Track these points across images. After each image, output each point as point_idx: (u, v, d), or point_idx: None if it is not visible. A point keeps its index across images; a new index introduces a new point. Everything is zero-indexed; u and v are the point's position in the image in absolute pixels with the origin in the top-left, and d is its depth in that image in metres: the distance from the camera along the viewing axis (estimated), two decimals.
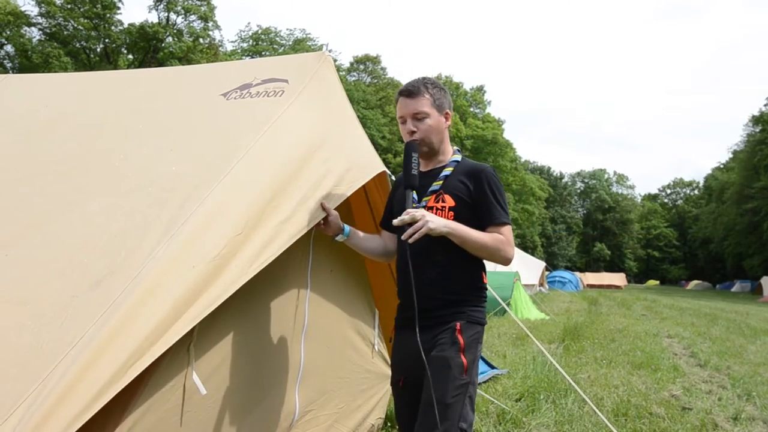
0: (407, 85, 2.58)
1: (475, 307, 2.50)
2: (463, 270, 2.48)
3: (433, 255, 2.44)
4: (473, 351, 2.43)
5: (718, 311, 20.47)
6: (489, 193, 2.46)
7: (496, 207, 2.45)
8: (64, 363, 1.73)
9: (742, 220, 54.86)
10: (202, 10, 39.96)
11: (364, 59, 52.30)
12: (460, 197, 2.47)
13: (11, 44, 35.30)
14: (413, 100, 2.53)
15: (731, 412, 5.50)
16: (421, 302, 2.40)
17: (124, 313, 1.86)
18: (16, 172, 2.88)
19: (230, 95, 3.04)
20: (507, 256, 2.44)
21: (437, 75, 61.96)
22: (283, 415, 2.96)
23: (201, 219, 2.21)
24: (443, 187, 2.50)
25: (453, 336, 2.40)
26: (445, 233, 2.34)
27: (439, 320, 2.44)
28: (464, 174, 2.52)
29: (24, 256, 2.29)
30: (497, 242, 2.41)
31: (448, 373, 2.33)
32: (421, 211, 2.33)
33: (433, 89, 2.55)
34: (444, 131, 2.59)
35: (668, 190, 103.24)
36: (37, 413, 1.59)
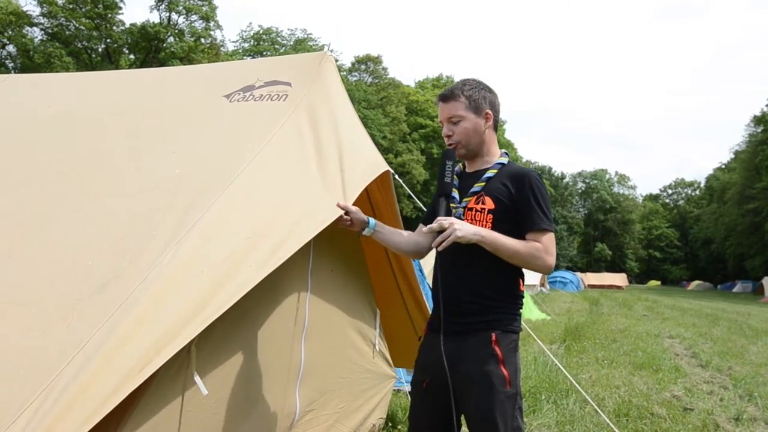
0: (445, 90, 2.57)
1: (510, 315, 2.44)
2: (499, 276, 2.42)
3: (467, 260, 2.40)
4: (512, 361, 2.37)
5: (720, 312, 20.46)
6: (531, 198, 2.39)
7: (537, 212, 2.37)
8: (71, 366, 1.73)
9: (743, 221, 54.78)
10: (203, 10, 39.95)
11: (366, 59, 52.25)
12: (501, 200, 2.41)
13: (13, 44, 35.34)
14: (447, 104, 2.52)
15: (733, 413, 5.51)
16: (453, 307, 2.40)
17: (135, 317, 1.86)
18: (18, 172, 2.87)
19: (233, 97, 3.04)
20: (544, 265, 2.36)
21: (438, 75, 62.06)
22: (284, 415, 2.96)
23: (208, 225, 2.22)
24: (484, 189, 2.46)
25: (490, 348, 2.34)
26: (475, 241, 2.29)
27: (472, 327, 2.39)
28: (507, 177, 2.45)
29: (27, 258, 2.28)
30: (533, 250, 2.34)
31: (491, 388, 2.29)
32: (450, 219, 2.31)
33: (469, 91, 2.50)
34: (484, 133, 2.52)
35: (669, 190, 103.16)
36: (49, 417, 1.59)
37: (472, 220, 2.41)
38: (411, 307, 4.00)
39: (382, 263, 3.86)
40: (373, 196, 3.62)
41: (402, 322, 4.06)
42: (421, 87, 59.17)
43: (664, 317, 16.93)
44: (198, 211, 2.26)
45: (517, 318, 2.46)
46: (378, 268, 3.82)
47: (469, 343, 2.37)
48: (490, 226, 2.38)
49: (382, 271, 3.84)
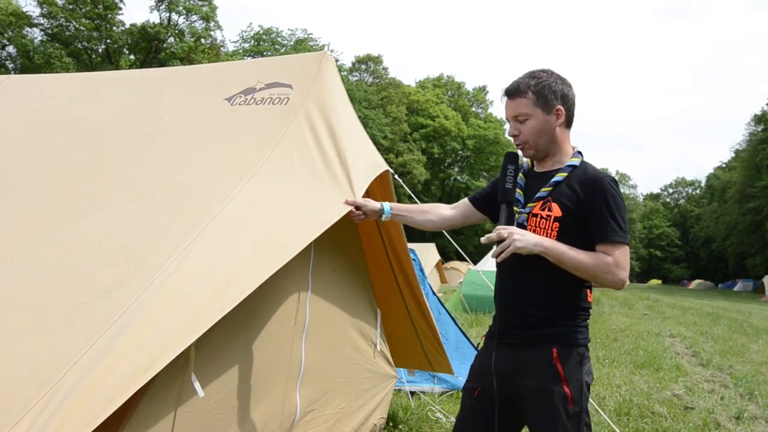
0: (510, 84, 2.32)
1: (574, 328, 2.24)
2: (563, 287, 2.23)
3: (529, 270, 2.23)
4: (577, 377, 2.19)
5: (721, 310, 20.44)
6: (603, 207, 2.16)
7: (610, 223, 2.15)
8: (76, 368, 1.74)
9: (744, 220, 54.72)
10: (203, 11, 39.95)
11: (366, 59, 52.24)
12: (569, 207, 2.19)
13: (13, 45, 35.35)
14: (513, 101, 2.28)
15: (733, 412, 5.51)
16: (512, 317, 2.28)
17: (142, 321, 1.87)
18: (20, 174, 2.88)
19: (234, 100, 3.04)
20: (615, 280, 2.14)
21: (439, 75, 62.08)
22: (285, 415, 2.96)
23: (214, 233, 2.24)
24: (552, 194, 2.24)
25: (551, 365, 2.18)
26: (537, 252, 2.12)
27: (531, 340, 2.24)
28: (578, 181, 2.22)
29: (30, 262, 2.29)
30: (601, 263, 2.13)
31: (553, 408, 2.15)
32: (510, 228, 2.14)
33: (537, 85, 2.25)
34: (554, 130, 2.27)
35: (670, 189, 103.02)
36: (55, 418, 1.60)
37: (537, 227, 2.23)
38: (411, 307, 4.00)
39: (382, 263, 3.86)
40: (373, 196, 3.61)
41: (402, 322, 4.06)
42: (422, 87, 59.19)
43: (665, 316, 16.92)
44: (204, 219, 2.27)
45: (582, 330, 2.27)
46: (378, 269, 3.82)
47: (528, 357, 2.23)
48: (556, 234, 2.19)
49: (383, 272, 3.84)
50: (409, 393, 5.12)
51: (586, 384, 2.22)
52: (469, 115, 58.71)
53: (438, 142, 53.68)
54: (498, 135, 56.43)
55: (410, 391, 5.17)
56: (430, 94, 56.34)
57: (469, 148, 56.12)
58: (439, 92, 58.28)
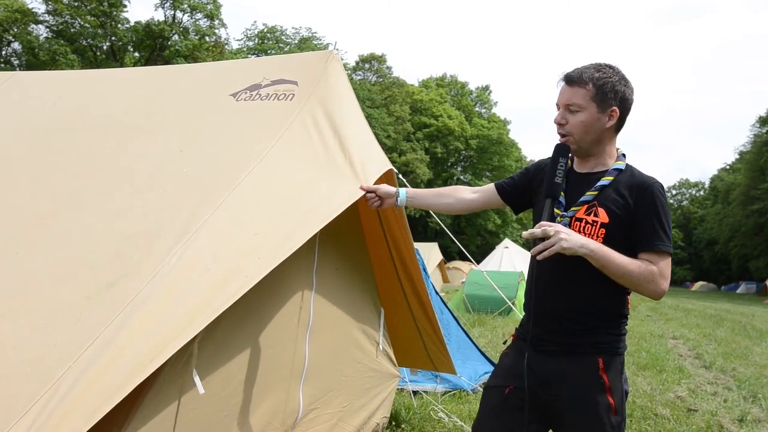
0: (573, 70, 2.20)
1: (617, 336, 2.18)
2: (606, 294, 2.14)
3: (570, 273, 2.13)
4: (619, 386, 2.14)
5: (724, 312, 20.41)
6: (652, 214, 2.08)
7: (657, 232, 2.07)
8: (78, 363, 1.74)
9: (747, 222, 54.59)
10: (208, 8, 40.06)
11: (370, 58, 52.24)
12: (616, 214, 2.10)
13: (18, 42, 35.48)
14: (570, 88, 2.16)
15: (737, 414, 5.49)
16: (549, 324, 2.17)
17: (144, 314, 1.87)
18: (25, 170, 2.88)
19: (240, 96, 3.04)
20: (657, 290, 2.07)
21: (442, 74, 62.03)
22: (287, 413, 2.96)
23: (216, 224, 2.24)
24: (598, 198, 2.14)
25: (596, 376, 2.11)
26: (582, 254, 2.01)
27: (573, 349, 2.15)
28: (626, 186, 2.13)
29: (35, 256, 2.29)
30: (647, 273, 2.04)
31: (597, 419, 2.09)
32: (556, 226, 2.02)
33: (600, 80, 2.12)
34: (603, 132, 2.16)
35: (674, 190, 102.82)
36: (56, 413, 1.60)
37: (581, 232, 2.11)
38: (414, 307, 4.00)
39: (385, 263, 3.86)
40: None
41: (405, 321, 4.05)
42: (425, 86, 59.14)
43: (667, 318, 16.89)
44: (206, 211, 2.27)
45: (623, 338, 2.20)
46: (382, 268, 3.81)
47: (573, 366, 2.13)
48: (601, 241, 2.08)
49: (386, 271, 3.84)
50: (412, 392, 5.12)
51: (626, 392, 2.18)
52: (473, 115, 58.64)
53: (441, 141, 53.64)
54: (501, 135, 56.38)
55: (413, 390, 5.16)
56: (434, 93, 56.29)
57: (473, 148, 56.06)
58: (443, 92, 58.22)
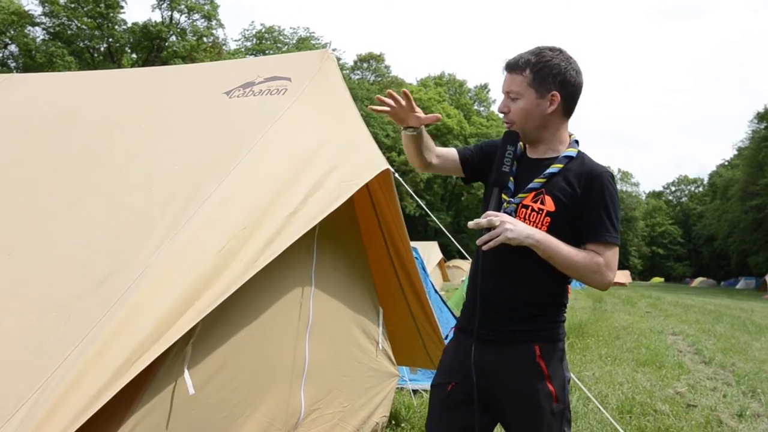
0: (512, 56, 2.13)
1: (555, 323, 2.15)
2: (547, 283, 2.11)
3: (515, 263, 2.09)
4: (560, 374, 2.11)
5: (723, 308, 20.42)
6: (600, 204, 2.04)
7: (604, 222, 2.03)
8: (68, 362, 1.74)
9: (746, 217, 54.64)
10: (205, 9, 40.06)
11: (368, 57, 52.32)
12: (563, 202, 2.05)
13: (15, 44, 35.47)
14: (510, 75, 2.10)
15: (736, 409, 5.50)
16: (492, 313, 2.12)
17: (128, 310, 1.86)
18: (18, 171, 2.89)
19: (233, 93, 3.05)
20: (603, 281, 2.05)
21: (440, 73, 62.02)
22: (289, 414, 2.96)
23: (204, 217, 2.22)
24: (545, 185, 2.09)
25: (534, 363, 2.07)
26: (528, 244, 1.97)
27: (512, 337, 2.11)
28: (575, 175, 2.08)
29: (27, 256, 2.29)
30: (592, 264, 2.01)
31: (537, 407, 2.06)
32: (502, 216, 1.98)
33: (537, 65, 2.05)
34: (546, 117, 2.09)
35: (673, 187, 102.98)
36: (40, 412, 1.59)
37: (526, 219, 2.07)
38: (413, 306, 4.00)
39: (384, 262, 3.86)
40: (374, 194, 3.62)
41: (405, 320, 4.06)
42: (424, 85, 59.15)
43: (667, 314, 16.89)
44: (194, 205, 2.27)
45: (561, 325, 2.18)
46: (380, 267, 3.82)
47: (510, 355, 2.10)
48: (546, 230, 2.04)
49: (385, 270, 3.84)
50: (412, 391, 5.12)
51: (567, 380, 2.16)
52: (471, 114, 58.67)
53: (440, 140, 53.55)
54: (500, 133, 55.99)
55: (412, 389, 5.16)
56: (432, 92, 56.28)
57: None
58: (441, 90, 58.22)
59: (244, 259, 2.22)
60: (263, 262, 2.27)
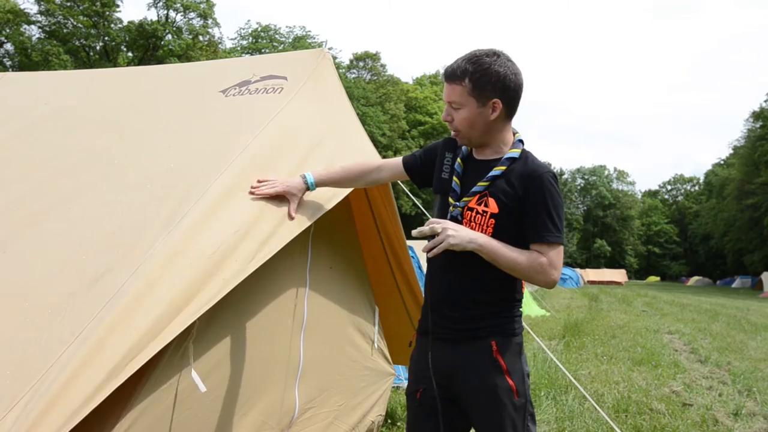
0: (449, 65, 2.13)
1: (509, 318, 2.18)
2: (497, 281, 2.13)
3: (462, 264, 2.13)
4: (518, 368, 2.14)
5: (719, 307, 20.48)
6: (541, 205, 2.06)
7: (546, 222, 2.06)
8: (61, 360, 1.73)
9: (742, 216, 54.83)
10: (201, 8, 39.99)
11: (364, 56, 52.20)
12: (506, 204, 2.08)
13: (11, 42, 35.35)
14: (449, 85, 2.11)
15: (732, 408, 5.51)
16: (445, 311, 2.17)
17: (122, 309, 1.86)
18: (14, 169, 2.88)
19: (229, 92, 3.05)
20: (547, 280, 2.07)
21: (436, 71, 61.99)
22: (283, 413, 2.95)
23: (198, 215, 2.22)
24: (489, 188, 2.11)
25: (491, 358, 2.11)
26: (471, 249, 2.02)
27: (467, 334, 2.14)
28: (517, 176, 2.10)
29: (22, 253, 2.29)
30: (535, 264, 2.04)
31: (498, 402, 2.09)
32: (444, 223, 2.04)
33: (475, 74, 2.05)
34: (489, 124, 2.11)
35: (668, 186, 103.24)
36: (34, 410, 1.59)
37: (471, 222, 2.11)
38: (409, 305, 4.00)
39: (380, 261, 3.86)
40: (370, 193, 3.61)
41: (400, 319, 4.05)
42: (419, 84, 59.15)
43: (663, 313, 16.95)
44: (189, 203, 2.26)
45: (518, 320, 2.21)
46: (376, 266, 3.81)
47: (467, 352, 2.14)
48: (491, 231, 2.08)
49: (380, 269, 3.84)
50: None
51: (527, 374, 2.19)
52: None
53: (436, 139, 53.20)
54: None
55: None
56: (428, 91, 56.28)
57: None
58: (437, 89, 58.20)
59: (239, 259, 2.21)
60: (258, 262, 2.27)
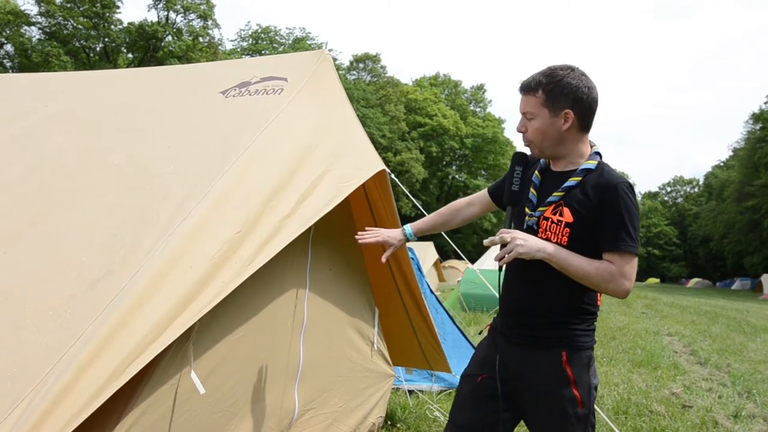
0: (526, 78, 2.22)
1: (582, 331, 2.21)
2: (572, 290, 2.16)
3: (536, 273, 2.17)
4: (586, 379, 2.18)
5: (719, 309, 20.46)
6: (616, 214, 2.08)
7: (621, 231, 2.07)
8: (62, 362, 1.74)
9: (742, 218, 54.81)
10: (201, 9, 40.00)
11: (364, 58, 52.22)
12: (581, 213, 2.11)
13: (11, 43, 35.35)
14: (525, 97, 2.20)
15: (731, 410, 5.51)
16: (518, 319, 2.25)
17: (123, 311, 1.86)
18: (15, 170, 2.88)
19: (229, 93, 3.05)
20: (618, 290, 2.09)
21: (436, 73, 62.05)
22: (283, 414, 2.96)
23: (199, 217, 2.22)
24: (564, 198, 2.16)
25: (560, 368, 2.15)
26: (540, 258, 2.07)
27: (539, 342, 2.20)
28: (593, 186, 2.13)
29: (23, 255, 2.29)
30: (605, 273, 2.07)
31: (562, 411, 2.14)
32: (513, 232, 2.09)
33: (549, 85, 2.14)
34: (562, 134, 2.17)
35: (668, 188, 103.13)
36: (35, 412, 1.59)
37: (547, 231, 2.16)
38: (409, 307, 4.00)
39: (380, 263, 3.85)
40: (370, 195, 3.61)
41: (401, 321, 4.05)
42: (419, 85, 59.17)
43: (663, 315, 16.92)
44: (190, 204, 2.27)
45: (590, 333, 2.24)
46: (376, 268, 3.81)
47: (537, 358, 2.20)
48: (566, 240, 2.12)
49: (381, 271, 3.83)
50: (408, 392, 5.12)
51: (594, 386, 2.21)
52: (467, 114, 58.68)
53: (436, 140, 53.66)
54: (496, 134, 56.46)
55: (408, 389, 5.16)
56: (428, 92, 56.30)
57: (468, 147, 56.10)
58: (437, 91, 58.26)
59: (240, 260, 2.22)
60: (258, 264, 2.28)
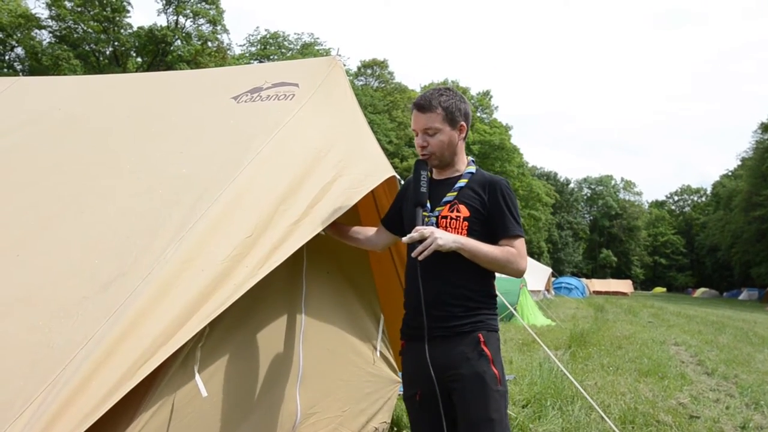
0: (420, 98, 2.54)
1: (491, 315, 2.50)
2: (478, 279, 2.46)
3: (447, 266, 2.42)
4: (499, 360, 2.44)
5: (726, 319, 20.36)
6: (503, 205, 2.46)
7: (510, 219, 2.45)
8: (74, 363, 1.75)
9: (749, 228, 54.53)
10: (210, 14, 40.19)
11: (372, 63, 52.37)
12: (475, 208, 2.46)
13: (22, 47, 35.60)
14: (424, 115, 2.50)
15: (739, 421, 5.47)
16: (437, 312, 2.41)
17: (135, 313, 1.87)
18: (28, 173, 2.90)
19: (241, 98, 3.06)
20: (518, 269, 2.43)
21: (444, 80, 62.05)
22: (285, 417, 2.95)
23: (211, 221, 2.23)
24: (457, 197, 2.49)
25: (479, 348, 2.39)
26: (455, 248, 2.33)
27: (456, 330, 2.42)
28: (479, 185, 2.50)
29: (35, 258, 2.30)
30: (508, 255, 2.40)
31: (486, 388, 2.34)
32: (430, 228, 2.33)
33: (447, 102, 2.50)
34: (457, 144, 2.56)
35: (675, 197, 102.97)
36: (47, 412, 1.60)
37: (447, 227, 2.44)
38: None
39: (388, 268, 3.86)
40: (379, 201, 3.62)
41: None
42: None
43: (669, 324, 16.85)
44: (202, 208, 2.28)
45: (496, 317, 2.53)
46: (384, 274, 3.81)
47: (457, 346, 2.40)
48: (466, 232, 2.42)
49: (389, 277, 3.84)
50: None
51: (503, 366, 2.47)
52: (474, 120, 58.67)
53: None
54: (503, 140, 56.40)
55: None
56: None
57: (474, 154, 55.99)
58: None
59: (251, 264, 2.23)
60: (269, 268, 2.29)
